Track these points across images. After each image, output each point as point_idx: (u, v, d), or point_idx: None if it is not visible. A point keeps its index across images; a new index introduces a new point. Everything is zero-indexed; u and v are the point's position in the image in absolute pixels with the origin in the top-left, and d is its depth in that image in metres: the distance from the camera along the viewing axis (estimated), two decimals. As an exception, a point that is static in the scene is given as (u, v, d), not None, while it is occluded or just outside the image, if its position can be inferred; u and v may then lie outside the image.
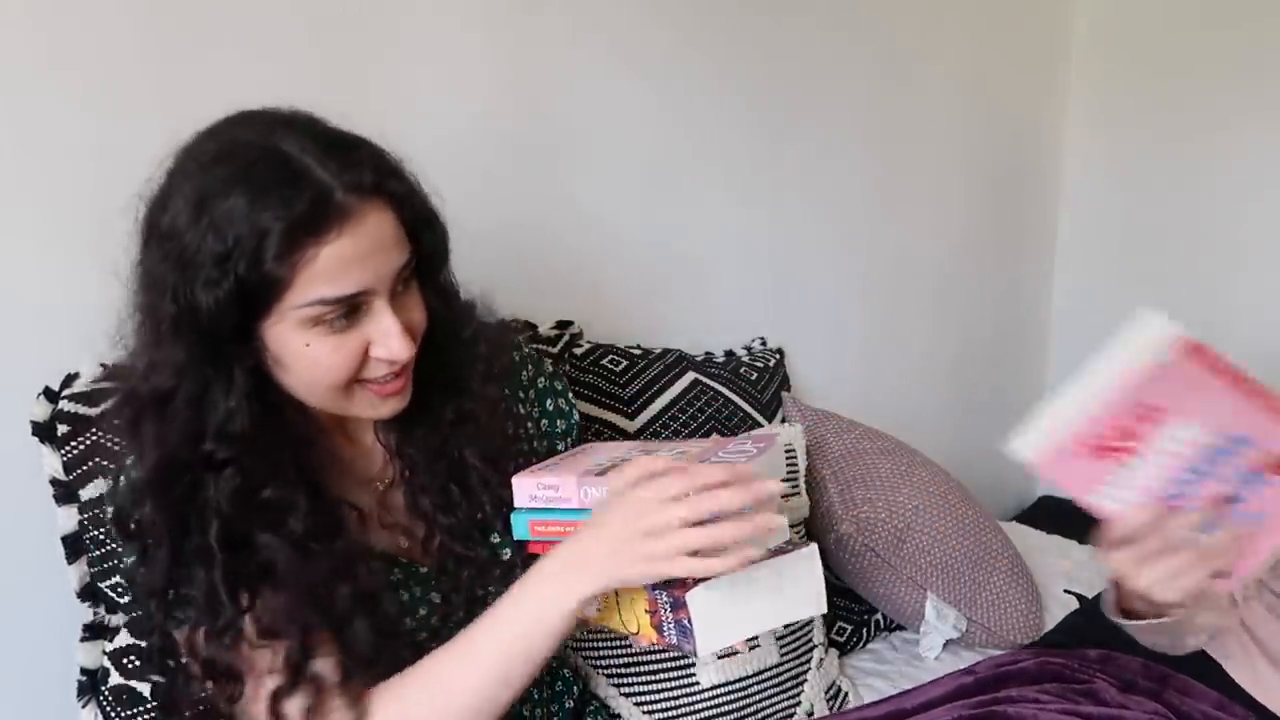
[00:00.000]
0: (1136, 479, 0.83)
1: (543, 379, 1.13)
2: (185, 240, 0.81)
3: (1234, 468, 0.83)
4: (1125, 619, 1.07)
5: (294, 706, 0.88)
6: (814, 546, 0.89)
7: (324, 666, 0.90)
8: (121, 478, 0.91)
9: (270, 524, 0.87)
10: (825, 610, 0.90)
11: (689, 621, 0.82)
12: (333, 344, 0.85)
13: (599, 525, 0.84)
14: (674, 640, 0.85)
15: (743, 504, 0.80)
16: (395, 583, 0.99)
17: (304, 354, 0.84)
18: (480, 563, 1.02)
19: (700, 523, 0.80)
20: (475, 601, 1.00)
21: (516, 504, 0.96)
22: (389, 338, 0.86)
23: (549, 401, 1.13)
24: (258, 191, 0.80)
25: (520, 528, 0.96)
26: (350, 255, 0.82)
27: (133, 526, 0.88)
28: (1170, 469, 0.83)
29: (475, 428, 1.00)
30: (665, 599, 0.85)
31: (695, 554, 0.80)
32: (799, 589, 0.88)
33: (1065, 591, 1.72)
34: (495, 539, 1.05)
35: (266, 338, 0.85)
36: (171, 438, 0.84)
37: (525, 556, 1.00)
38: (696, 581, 0.82)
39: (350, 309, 0.85)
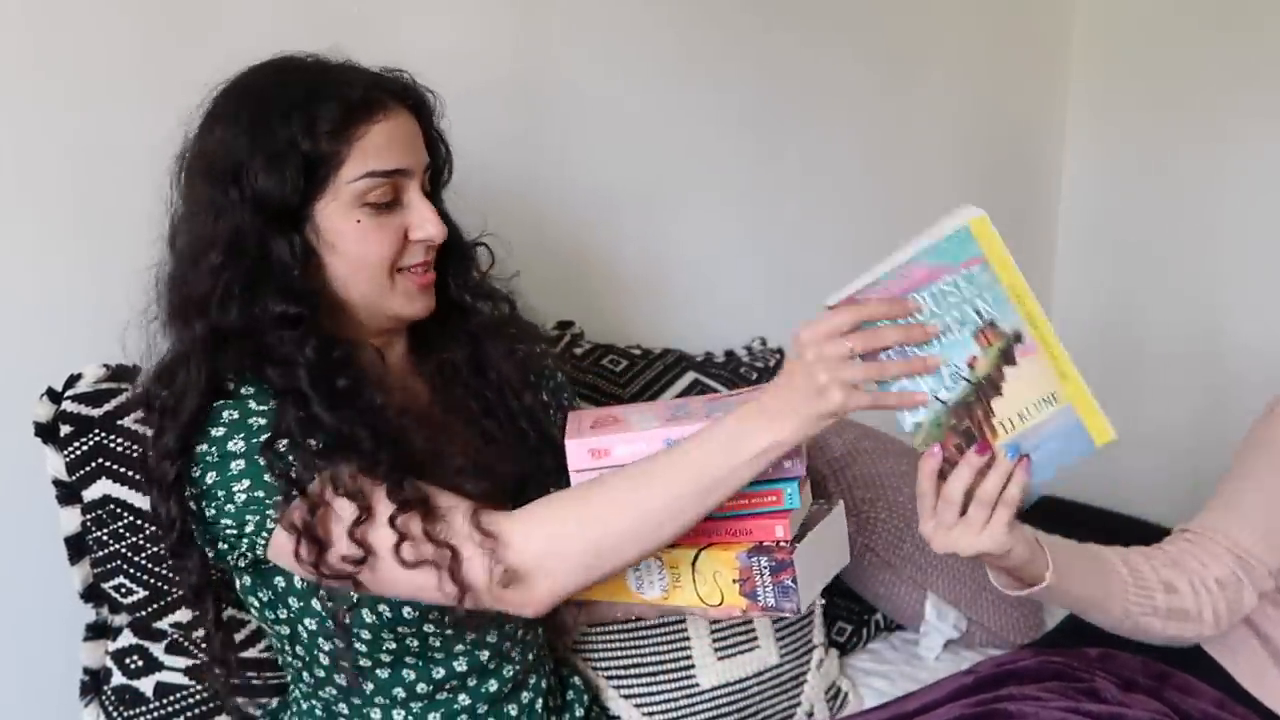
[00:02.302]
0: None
1: (561, 375, 1.19)
2: (237, 142, 0.92)
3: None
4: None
5: (414, 525, 0.87)
6: (841, 503, 1.02)
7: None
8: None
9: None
10: (849, 560, 1.03)
11: (793, 581, 0.88)
12: (378, 223, 0.95)
13: (787, 374, 0.84)
14: (771, 603, 0.90)
15: (899, 341, 0.83)
16: None
17: (355, 231, 0.95)
18: None
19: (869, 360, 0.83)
20: None
21: (573, 468, 0.93)
22: (425, 221, 0.96)
23: (564, 397, 1.17)
24: (318, 82, 0.95)
25: None
26: (394, 135, 0.95)
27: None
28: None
29: (513, 353, 1.06)
30: (765, 563, 0.89)
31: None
32: (836, 543, 1.00)
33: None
34: None
35: (319, 218, 0.94)
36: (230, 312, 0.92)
37: None
38: (793, 543, 0.89)
39: (391, 193, 0.95)
